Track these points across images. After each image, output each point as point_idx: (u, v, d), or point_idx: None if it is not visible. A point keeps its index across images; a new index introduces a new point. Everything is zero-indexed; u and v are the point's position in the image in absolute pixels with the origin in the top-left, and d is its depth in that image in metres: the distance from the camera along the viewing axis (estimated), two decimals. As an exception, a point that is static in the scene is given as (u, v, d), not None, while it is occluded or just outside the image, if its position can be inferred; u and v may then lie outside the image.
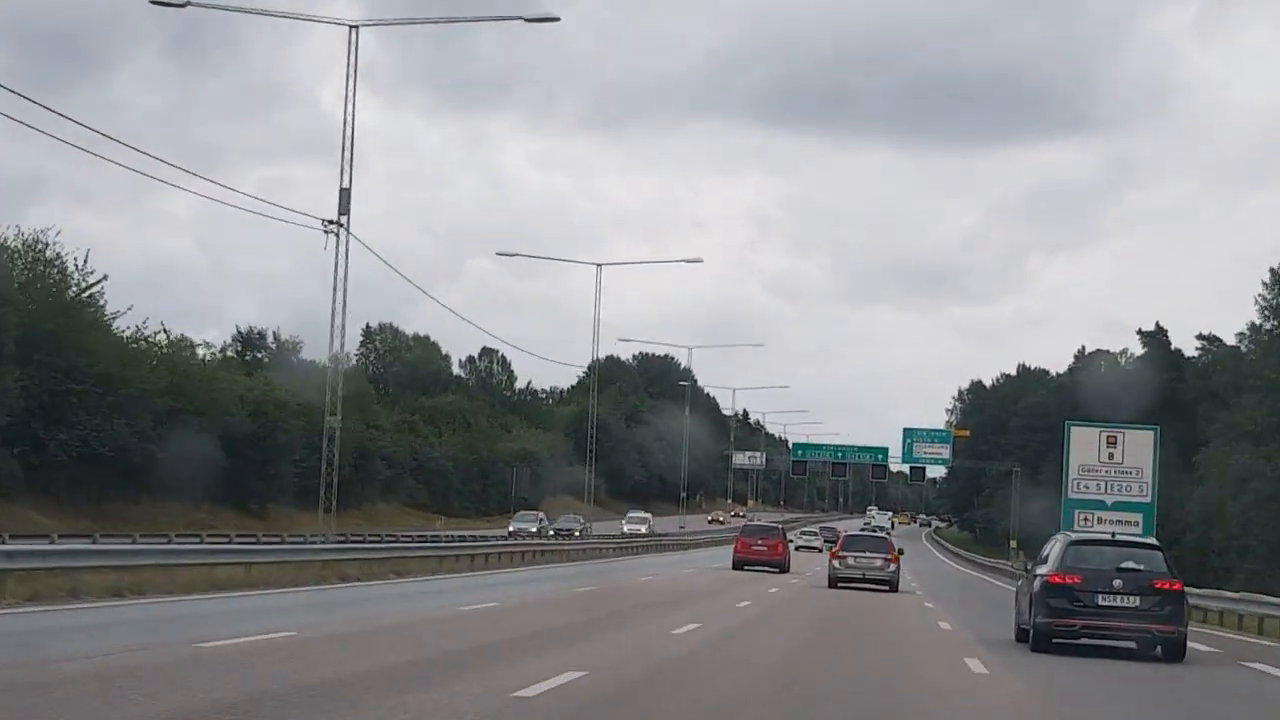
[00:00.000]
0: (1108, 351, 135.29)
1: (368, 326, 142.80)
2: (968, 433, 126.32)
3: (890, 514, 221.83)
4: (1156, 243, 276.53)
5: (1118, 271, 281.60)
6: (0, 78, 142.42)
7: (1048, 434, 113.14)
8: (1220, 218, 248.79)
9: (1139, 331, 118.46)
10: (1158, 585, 23.47)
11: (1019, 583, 28.53)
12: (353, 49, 49.73)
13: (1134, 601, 23.37)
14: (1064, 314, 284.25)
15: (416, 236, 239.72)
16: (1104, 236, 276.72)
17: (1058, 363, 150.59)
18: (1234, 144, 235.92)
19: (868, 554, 46.11)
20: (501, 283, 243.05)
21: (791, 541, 71.61)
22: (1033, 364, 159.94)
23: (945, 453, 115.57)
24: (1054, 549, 24.98)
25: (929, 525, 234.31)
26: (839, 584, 44.79)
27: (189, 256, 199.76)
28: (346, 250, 49.86)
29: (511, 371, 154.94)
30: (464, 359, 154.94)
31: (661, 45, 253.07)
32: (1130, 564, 23.86)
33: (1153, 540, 28.63)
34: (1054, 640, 23.85)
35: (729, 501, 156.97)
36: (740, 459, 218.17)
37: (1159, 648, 23.75)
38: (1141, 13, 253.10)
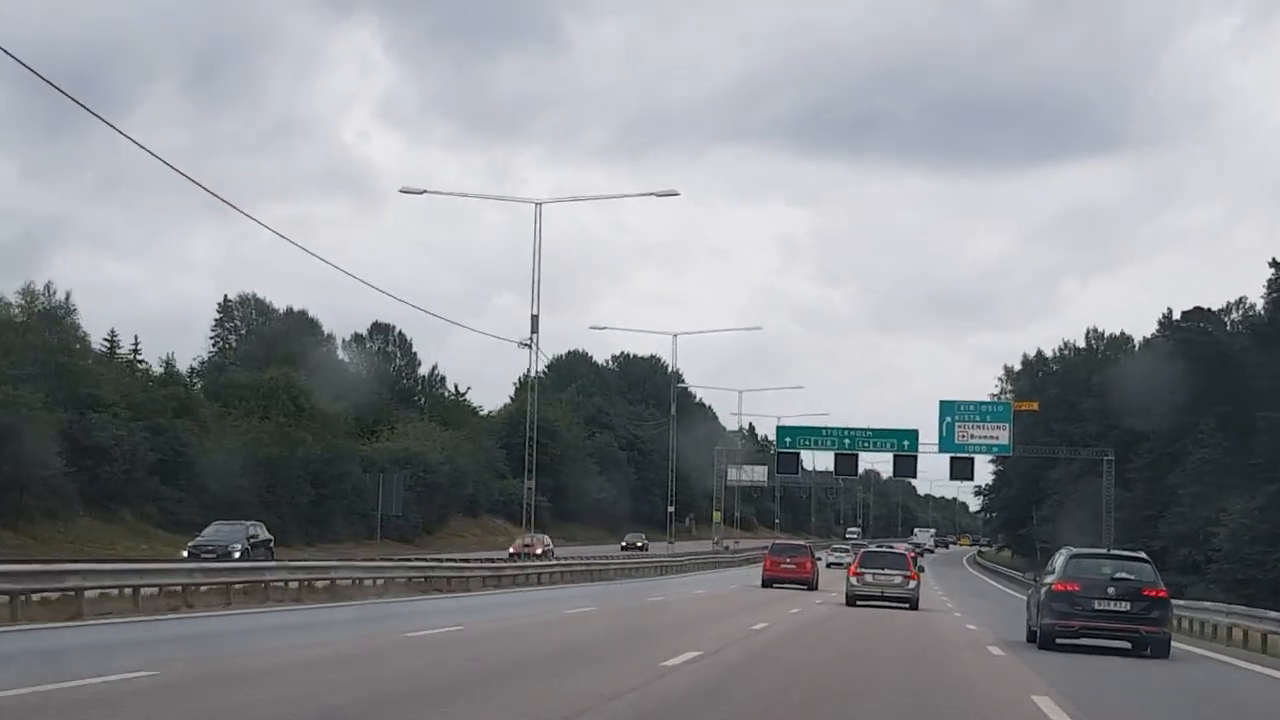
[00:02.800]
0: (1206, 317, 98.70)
1: (225, 298, 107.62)
2: (1036, 406, 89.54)
3: (933, 531, 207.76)
4: (1193, 264, 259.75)
5: (1153, 294, 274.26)
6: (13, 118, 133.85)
7: (1137, 416, 79.23)
8: (1264, 237, 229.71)
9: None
10: (1145, 592, 27.64)
11: (1029, 591, 32.90)
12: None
13: (1125, 606, 27.42)
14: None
15: (440, 273, 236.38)
16: (1139, 259, 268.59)
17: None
18: (1274, 161, 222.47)
19: (887, 571, 45.06)
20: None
21: (820, 559, 71.99)
22: (1106, 328, 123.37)
23: (1002, 435, 79.01)
24: (1058, 562, 29.13)
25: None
26: (857, 602, 43.98)
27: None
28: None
29: (414, 354, 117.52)
30: (348, 337, 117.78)
31: (685, 71, 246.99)
32: (1122, 574, 27.95)
33: (1142, 554, 30.33)
34: (1057, 640, 27.81)
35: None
36: (736, 474, 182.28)
37: (1148, 646, 27.74)
38: (1178, 28, 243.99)
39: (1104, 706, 18.22)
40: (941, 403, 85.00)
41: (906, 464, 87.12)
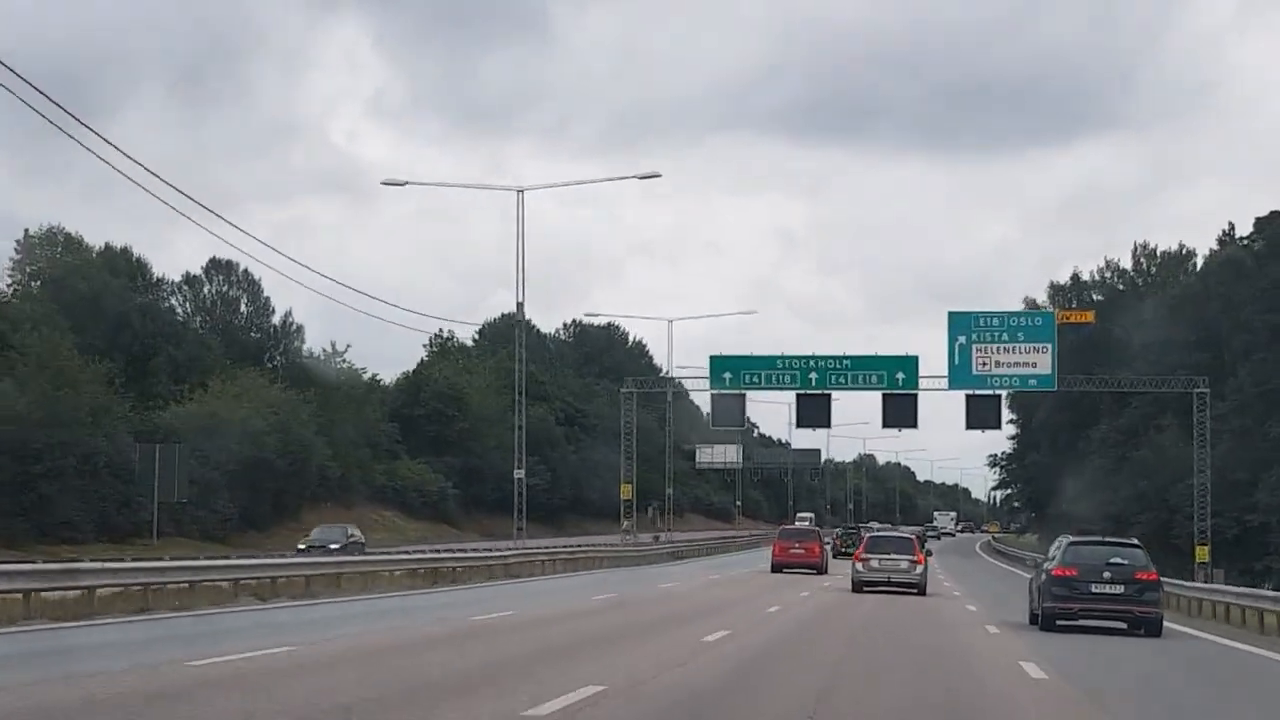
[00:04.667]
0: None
1: (26, 233, 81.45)
2: (1090, 316, 63.83)
3: (953, 515, 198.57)
4: (1200, 246, 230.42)
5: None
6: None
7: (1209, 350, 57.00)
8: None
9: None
10: (1139, 576, 29.10)
11: (1030, 577, 33.90)
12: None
13: (1120, 589, 28.94)
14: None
15: (434, 272, 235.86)
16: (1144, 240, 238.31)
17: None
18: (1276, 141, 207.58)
19: (893, 556, 43.80)
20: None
21: (828, 544, 69.12)
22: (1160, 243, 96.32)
23: (1041, 362, 53.98)
24: (1057, 549, 30.81)
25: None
26: (864, 588, 42.71)
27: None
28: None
29: (263, 300, 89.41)
30: (179, 278, 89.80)
31: (679, 61, 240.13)
32: (1117, 559, 29.33)
33: (1135, 540, 32.20)
34: (1057, 621, 29.15)
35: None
36: (707, 455, 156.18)
37: (1141, 626, 29.43)
38: (1180, 7, 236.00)
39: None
40: (952, 315, 59.59)
41: (901, 408, 62.05)
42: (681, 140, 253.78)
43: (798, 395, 64.58)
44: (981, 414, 61.25)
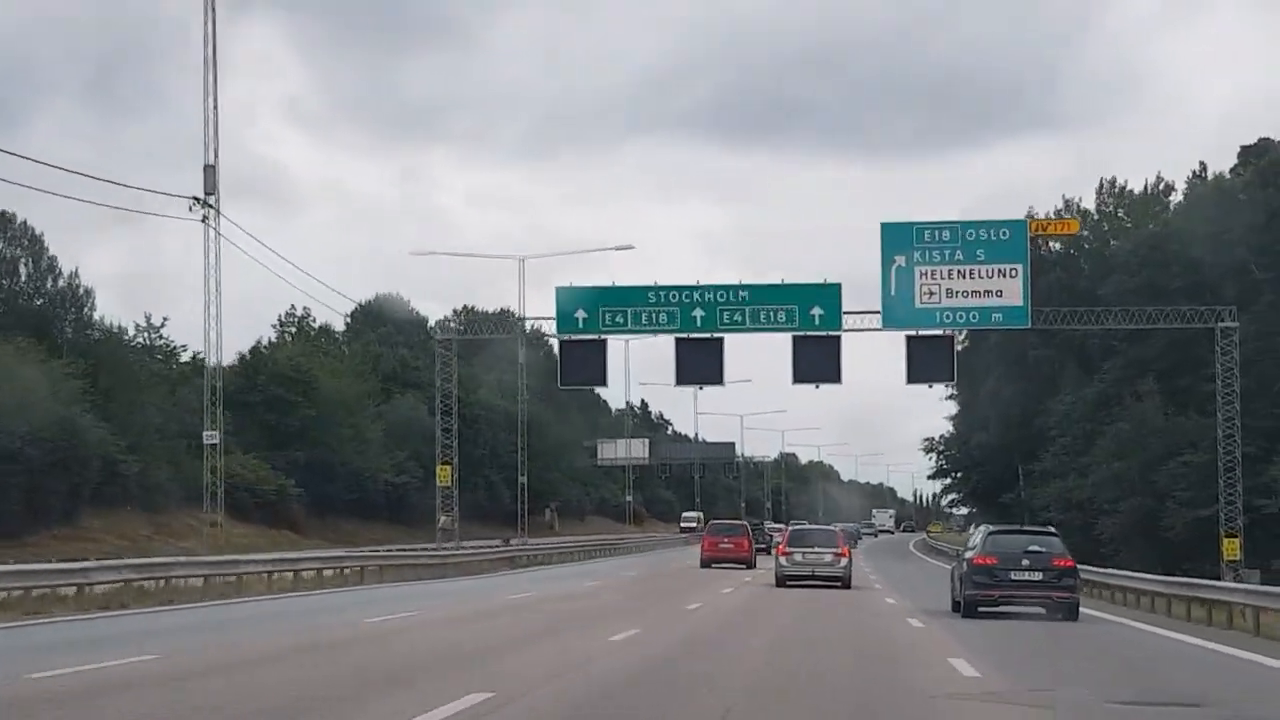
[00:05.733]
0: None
1: None
2: (1075, 227, 49.42)
3: (891, 513, 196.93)
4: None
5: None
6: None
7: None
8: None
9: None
10: (1056, 563, 29.83)
11: (952, 566, 35.06)
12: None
13: (1038, 576, 29.59)
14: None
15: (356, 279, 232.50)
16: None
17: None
18: (1202, 133, 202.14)
19: (817, 549, 42.79)
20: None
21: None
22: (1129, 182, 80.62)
23: (1009, 291, 39.57)
24: (977, 538, 31.67)
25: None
26: (787, 583, 41.67)
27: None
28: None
29: (51, 261, 72.51)
30: None
31: (599, 62, 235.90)
32: (1035, 547, 30.11)
33: (1051, 529, 34.90)
34: (979, 608, 29.72)
35: None
36: (610, 451, 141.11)
37: (1059, 611, 29.65)
38: (1101, 4, 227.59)
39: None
40: (887, 227, 45.10)
41: (818, 355, 47.18)
42: (603, 142, 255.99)
43: (677, 340, 49.07)
44: (927, 361, 46.06)
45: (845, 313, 47.92)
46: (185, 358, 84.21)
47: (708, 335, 48.96)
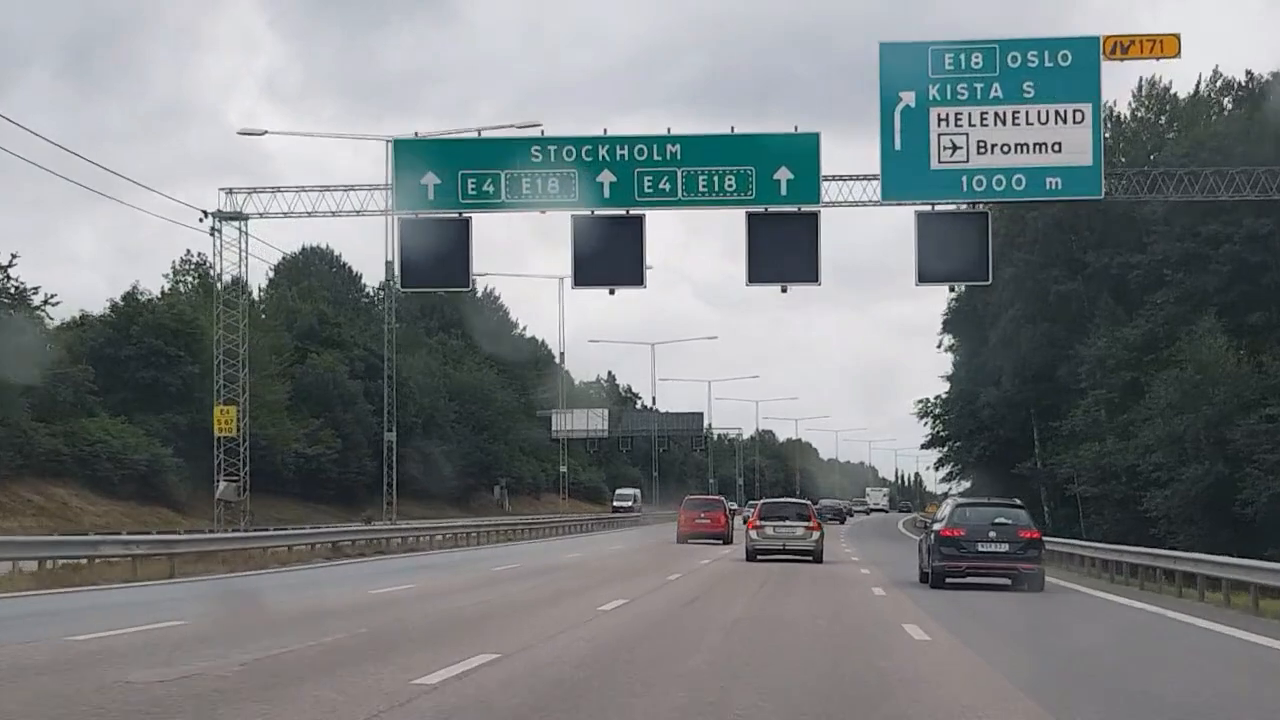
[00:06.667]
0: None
1: None
2: (1175, 47, 34.52)
3: (885, 491, 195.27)
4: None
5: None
6: None
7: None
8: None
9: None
10: (1022, 534, 30.07)
11: (920, 538, 34.45)
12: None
13: (1004, 547, 29.85)
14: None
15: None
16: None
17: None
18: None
19: (788, 523, 42.84)
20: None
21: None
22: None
23: (1074, 143, 26.37)
24: (945, 510, 32.23)
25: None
26: (758, 557, 41.68)
27: None
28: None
29: None
30: None
31: (582, 39, 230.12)
32: (1001, 519, 30.32)
33: (1018, 501, 32.99)
34: (947, 579, 30.07)
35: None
36: (565, 423, 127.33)
37: (1025, 582, 29.84)
38: None
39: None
40: (888, 49, 32.11)
41: (785, 242, 33.71)
42: (587, 119, 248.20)
43: (575, 220, 35.47)
44: (948, 248, 32.78)
45: (826, 178, 34.87)
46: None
47: (620, 212, 35.44)
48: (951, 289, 35.65)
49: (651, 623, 20.41)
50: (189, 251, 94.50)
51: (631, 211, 35.95)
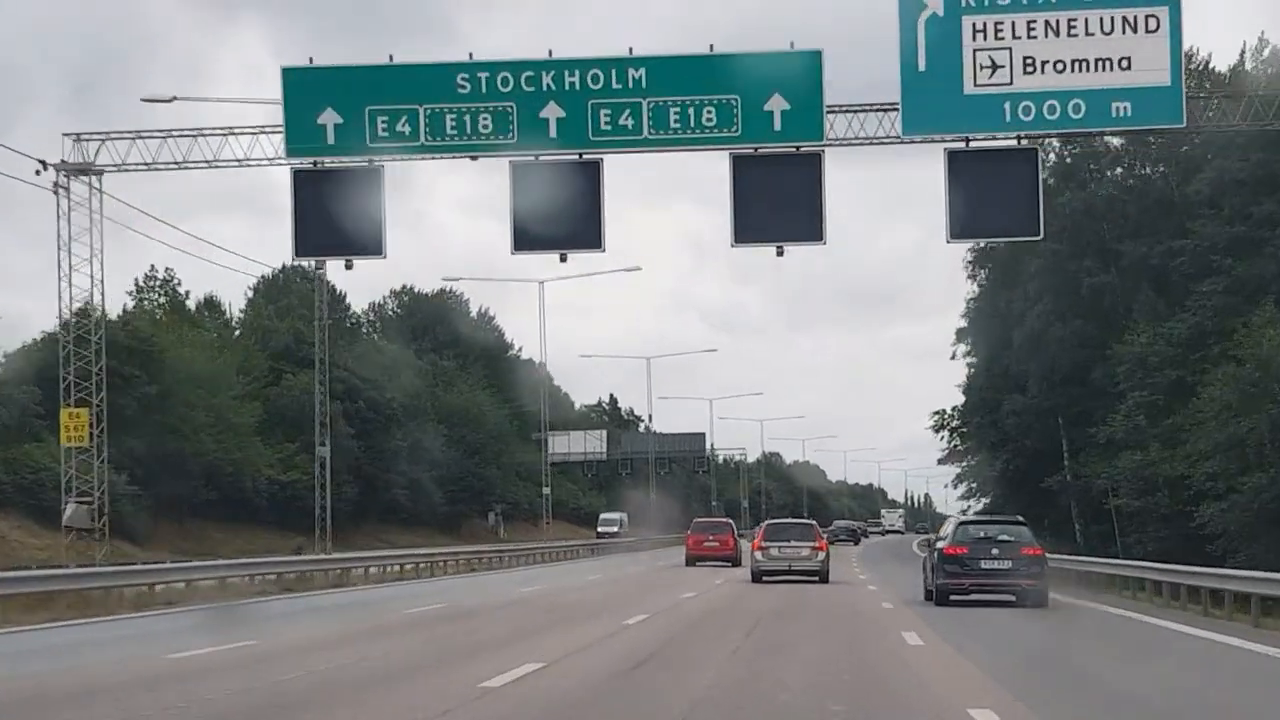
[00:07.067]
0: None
1: None
2: None
3: (901, 513, 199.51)
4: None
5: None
6: None
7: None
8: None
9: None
10: (1025, 551, 30.36)
11: (924, 556, 34.78)
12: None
13: (1007, 564, 30.14)
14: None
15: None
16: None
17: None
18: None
19: (794, 543, 42.88)
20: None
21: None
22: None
23: (1147, 58, 24.21)
24: (948, 528, 32.66)
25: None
26: (763, 578, 41.68)
27: None
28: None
29: None
30: None
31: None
32: (1004, 536, 30.79)
33: (1019, 518, 33.46)
34: (950, 596, 30.46)
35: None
36: (563, 445, 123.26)
37: (1028, 598, 30.01)
38: None
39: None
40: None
41: (780, 189, 28.23)
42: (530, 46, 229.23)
43: (514, 166, 29.52)
44: (987, 195, 27.21)
45: (831, 109, 29.26)
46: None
47: (572, 155, 29.57)
48: (982, 244, 29.19)
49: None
50: (153, 267, 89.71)
51: (585, 155, 29.89)
